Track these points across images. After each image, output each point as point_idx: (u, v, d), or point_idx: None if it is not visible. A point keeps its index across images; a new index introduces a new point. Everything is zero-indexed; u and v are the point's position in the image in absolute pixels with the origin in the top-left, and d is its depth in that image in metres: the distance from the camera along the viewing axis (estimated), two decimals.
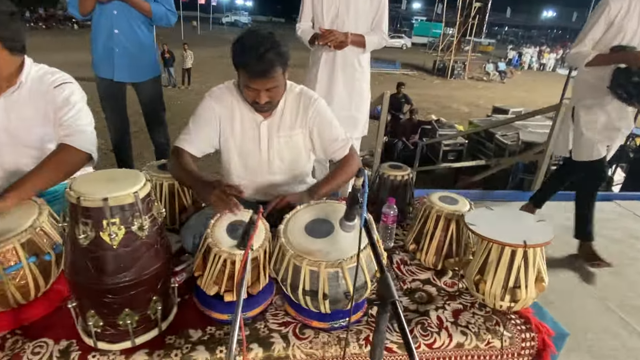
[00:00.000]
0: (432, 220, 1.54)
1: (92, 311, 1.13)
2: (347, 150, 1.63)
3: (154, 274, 1.15)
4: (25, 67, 1.46)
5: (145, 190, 1.10)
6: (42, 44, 19.17)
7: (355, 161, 1.64)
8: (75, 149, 1.42)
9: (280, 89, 1.47)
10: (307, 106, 1.59)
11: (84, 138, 1.46)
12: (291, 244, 1.21)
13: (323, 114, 1.61)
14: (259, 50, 1.33)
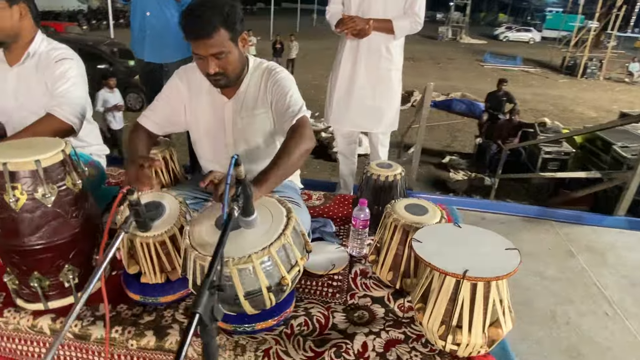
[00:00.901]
0: (389, 230, 1.31)
1: (8, 269, 1.20)
2: (294, 121, 1.35)
3: (62, 242, 1.17)
4: (34, 41, 1.62)
5: (52, 160, 1.12)
6: None
7: (302, 135, 1.31)
8: (57, 119, 1.52)
9: (230, 56, 1.32)
10: (267, 80, 1.46)
11: (68, 110, 1.55)
12: (192, 235, 1.12)
13: (281, 82, 1.44)
14: (197, 10, 1.25)
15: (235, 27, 1.30)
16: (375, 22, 2.11)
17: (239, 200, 0.96)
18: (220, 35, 1.26)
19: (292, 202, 1.47)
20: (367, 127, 2.41)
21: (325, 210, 1.89)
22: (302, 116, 1.38)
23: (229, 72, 1.36)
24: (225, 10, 1.25)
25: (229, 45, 1.30)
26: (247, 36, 1.40)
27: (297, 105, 1.39)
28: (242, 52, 1.39)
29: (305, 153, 1.31)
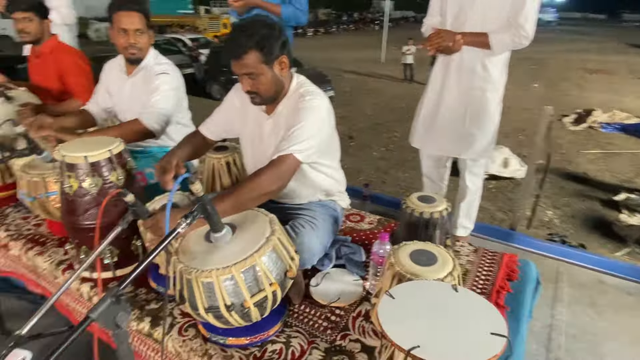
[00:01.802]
0: (386, 275, 1.15)
1: (70, 240, 1.50)
2: (276, 155, 1.32)
3: (104, 225, 1.39)
4: (147, 57, 1.97)
5: (99, 157, 1.35)
6: (346, 42, 23.14)
7: (271, 174, 1.28)
8: (143, 124, 1.83)
9: (262, 78, 1.36)
10: (296, 105, 1.43)
11: (153, 119, 1.85)
12: (182, 245, 1.19)
13: (300, 112, 1.38)
14: (235, 32, 1.34)
15: (270, 50, 1.33)
16: (467, 36, 1.86)
17: (195, 217, 0.99)
18: (251, 57, 1.32)
19: (307, 221, 1.43)
20: (454, 152, 2.15)
21: (370, 236, 1.76)
22: (287, 154, 1.31)
23: (261, 92, 1.40)
24: (260, 33, 1.30)
25: (261, 68, 1.34)
26: (286, 60, 1.40)
27: (292, 142, 1.33)
28: (277, 74, 1.40)
29: (263, 195, 1.27)
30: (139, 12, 1.81)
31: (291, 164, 1.32)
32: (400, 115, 8.16)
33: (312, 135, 1.35)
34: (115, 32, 1.84)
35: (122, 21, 1.80)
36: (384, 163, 5.94)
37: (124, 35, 1.83)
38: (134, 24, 1.81)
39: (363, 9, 42.01)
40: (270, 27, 1.34)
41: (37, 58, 2.57)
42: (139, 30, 1.84)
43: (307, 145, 1.34)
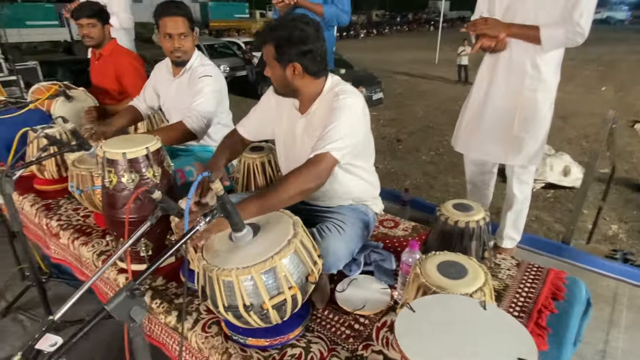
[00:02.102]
0: (411, 285, 1.09)
1: (110, 231, 1.57)
2: (312, 154, 1.29)
3: (139, 219, 1.45)
4: (191, 59, 2.04)
5: (136, 154, 1.40)
6: (399, 43, 22.77)
7: (309, 173, 1.26)
8: (185, 126, 1.90)
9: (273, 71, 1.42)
10: (330, 104, 1.41)
11: (195, 121, 1.92)
12: (207, 242, 1.20)
13: (335, 111, 1.36)
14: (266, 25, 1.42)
15: (284, 51, 1.35)
16: (515, 27, 1.73)
17: (214, 215, 1.00)
18: (267, 50, 1.38)
19: (334, 225, 1.40)
20: (500, 158, 2.02)
21: (403, 243, 1.69)
22: (324, 152, 1.29)
23: (274, 83, 1.47)
24: (281, 33, 1.34)
25: (272, 62, 1.40)
26: (299, 68, 1.38)
27: (328, 140, 1.30)
28: (288, 77, 1.40)
29: (299, 193, 1.26)
30: (182, 17, 1.90)
31: (328, 163, 1.30)
32: (453, 118, 7.75)
33: (347, 134, 1.32)
34: (161, 36, 1.93)
35: (167, 26, 1.89)
36: (433, 167, 5.75)
37: (169, 39, 1.92)
38: (178, 28, 1.90)
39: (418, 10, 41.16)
40: (295, 32, 1.33)
41: (98, 60, 2.76)
42: (183, 34, 1.92)
43: (343, 144, 1.31)
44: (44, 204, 2.03)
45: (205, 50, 10.66)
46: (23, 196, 2.13)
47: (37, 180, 2.20)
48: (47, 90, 2.47)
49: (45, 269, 2.01)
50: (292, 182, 1.24)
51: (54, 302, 1.96)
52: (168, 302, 1.38)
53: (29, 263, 1.60)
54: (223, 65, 10.36)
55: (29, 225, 2.12)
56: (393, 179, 5.42)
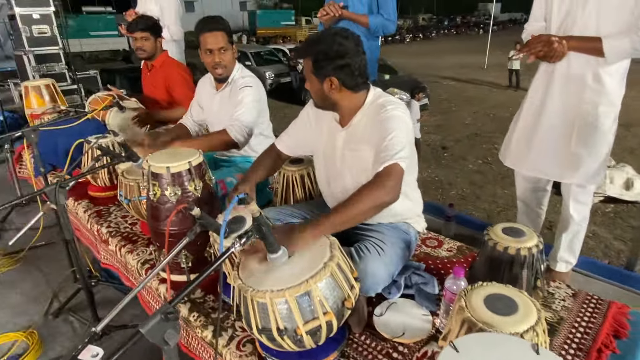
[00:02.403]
0: (455, 318, 1.02)
1: (153, 242, 1.61)
2: (381, 167, 1.24)
3: (180, 232, 1.48)
4: (232, 72, 2.08)
5: (179, 168, 1.43)
6: (446, 47, 22.20)
7: (381, 185, 1.20)
8: (228, 135, 1.94)
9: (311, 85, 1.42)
10: (377, 116, 1.37)
11: (238, 130, 1.95)
12: (243, 262, 1.19)
13: (387, 122, 1.32)
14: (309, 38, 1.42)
15: (321, 66, 1.35)
16: (574, 41, 1.60)
17: (249, 237, 0.98)
18: (306, 63, 1.39)
19: (373, 245, 1.35)
20: (555, 175, 1.87)
21: (447, 265, 1.61)
22: (393, 164, 1.24)
23: (312, 96, 1.46)
24: (320, 48, 1.34)
25: (310, 76, 1.40)
26: (336, 83, 1.37)
27: (392, 150, 1.25)
28: (325, 90, 1.39)
29: (376, 207, 1.20)
30: (221, 31, 1.94)
31: (399, 173, 1.25)
32: (503, 125, 7.45)
33: (406, 145, 1.29)
34: (202, 52, 1.99)
35: (207, 42, 1.94)
36: (480, 177, 5.52)
37: (210, 54, 1.96)
38: (217, 43, 1.94)
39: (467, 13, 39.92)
40: (333, 47, 1.32)
41: (150, 72, 2.88)
42: (222, 47, 1.96)
43: (404, 153, 1.27)
44: (95, 211, 2.14)
45: (251, 58, 10.94)
46: (77, 202, 2.26)
47: (91, 187, 2.33)
48: (102, 101, 2.61)
49: (95, 272, 2.12)
50: (366, 196, 1.19)
51: (103, 305, 2.05)
52: (205, 315, 1.39)
53: (79, 269, 1.68)
54: (268, 72, 10.55)
55: (82, 230, 2.24)
56: (437, 188, 5.26)
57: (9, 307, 2.12)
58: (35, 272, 2.40)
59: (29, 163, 2.67)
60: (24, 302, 2.15)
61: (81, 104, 4.75)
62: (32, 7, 4.65)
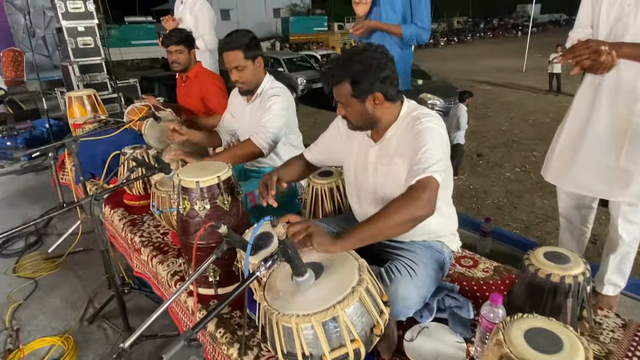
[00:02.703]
0: (492, 353, 0.95)
1: (182, 255, 1.62)
2: (414, 180, 1.18)
3: (209, 246, 1.48)
4: (262, 83, 2.08)
5: (208, 182, 1.43)
6: (482, 51, 21.63)
7: (414, 199, 1.14)
8: (252, 143, 1.94)
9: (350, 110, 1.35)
10: (410, 129, 1.31)
11: (262, 137, 1.95)
12: (269, 282, 1.16)
13: (421, 135, 1.26)
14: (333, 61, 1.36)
15: (363, 86, 1.29)
16: (626, 47, 1.49)
17: (275, 260, 0.96)
18: (342, 89, 1.32)
19: (405, 266, 1.30)
20: (602, 193, 1.74)
21: (483, 288, 1.52)
22: (426, 177, 1.18)
23: (351, 120, 1.40)
24: (357, 68, 1.28)
25: (349, 100, 1.33)
26: (380, 97, 1.32)
27: (426, 163, 1.20)
28: (368, 109, 1.34)
29: (409, 221, 1.14)
30: (235, 50, 1.94)
31: (434, 187, 1.19)
32: (543, 132, 7.23)
33: (441, 158, 1.23)
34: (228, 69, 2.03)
35: (226, 61, 1.98)
36: (517, 186, 5.30)
37: (230, 72, 2.00)
38: (232, 62, 1.96)
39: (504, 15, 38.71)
40: (370, 62, 1.27)
41: (184, 83, 2.95)
42: (238, 66, 1.97)
43: (440, 167, 1.21)
44: (130, 220, 2.19)
45: (284, 64, 11.07)
46: (114, 210, 2.32)
47: (127, 195, 2.39)
48: (139, 111, 2.68)
49: (128, 280, 2.16)
50: (399, 209, 1.13)
51: (134, 313, 2.09)
52: (231, 332, 1.37)
53: (112, 279, 1.71)
54: (300, 78, 10.64)
55: (117, 237, 2.30)
56: (472, 197, 5.10)
57: (49, 311, 2.20)
58: (73, 277, 2.48)
59: (70, 171, 2.78)
60: (62, 306, 2.23)
61: (120, 112, 4.94)
62: (78, 20, 4.89)
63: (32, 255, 2.73)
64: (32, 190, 3.89)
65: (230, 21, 30.63)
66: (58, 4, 4.74)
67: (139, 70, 17.05)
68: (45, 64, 9.23)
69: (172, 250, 1.87)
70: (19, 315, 2.18)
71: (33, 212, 3.42)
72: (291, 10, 37.79)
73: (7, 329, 2.06)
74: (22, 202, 3.66)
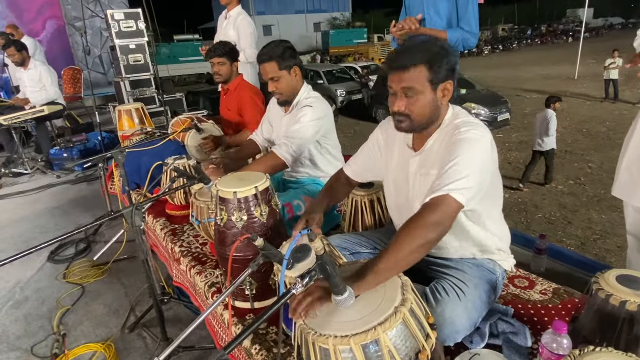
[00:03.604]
0: None
1: (219, 267, 1.60)
2: (429, 197, 1.10)
3: (246, 258, 1.44)
4: (299, 94, 2.05)
5: (246, 193, 1.40)
6: (529, 58, 20.78)
7: (424, 221, 1.06)
8: (275, 155, 1.92)
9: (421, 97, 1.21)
10: (450, 138, 1.21)
11: (285, 149, 1.92)
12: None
13: (455, 145, 1.16)
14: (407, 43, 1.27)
15: (439, 71, 1.19)
16: None
17: (312, 277, 0.89)
18: (418, 72, 1.19)
19: (453, 286, 1.19)
20: None
21: (541, 312, 1.37)
22: (442, 195, 1.08)
23: (414, 114, 1.24)
24: (434, 51, 1.18)
25: (424, 85, 1.20)
26: (450, 87, 1.24)
27: (447, 179, 1.10)
28: (437, 100, 1.24)
29: (422, 245, 1.04)
30: (270, 61, 1.92)
31: (449, 207, 1.09)
32: (599, 142, 6.75)
33: (472, 173, 1.12)
34: None
35: (262, 73, 1.98)
36: (572, 199, 4.95)
37: (268, 83, 1.99)
38: (268, 73, 1.95)
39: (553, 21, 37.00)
40: (443, 48, 1.20)
41: (225, 95, 2.99)
42: (274, 77, 1.95)
43: (466, 183, 1.10)
44: (171, 229, 2.21)
45: (323, 76, 11.14)
46: (156, 219, 2.36)
47: (168, 205, 2.43)
48: (182, 123, 2.75)
49: (168, 289, 2.18)
50: (407, 236, 1.05)
51: (173, 322, 2.10)
52: (267, 349, 1.32)
53: (151, 289, 1.72)
54: (340, 90, 10.66)
55: (159, 247, 2.34)
56: (521, 211, 4.81)
57: (93, 317, 2.25)
58: (117, 285, 2.54)
59: (118, 181, 2.88)
60: (105, 313, 2.28)
61: (166, 125, 5.13)
62: (129, 38, 5.17)
63: (80, 262, 2.83)
64: (84, 200, 4.09)
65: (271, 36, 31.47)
66: (112, 24, 5.04)
67: (186, 85, 17.84)
68: (101, 80, 9.87)
69: (210, 261, 1.86)
70: (66, 320, 2.25)
71: (84, 220, 3.58)
72: (331, 23, 38.28)
73: (55, 333, 2.12)
74: (75, 210, 3.84)
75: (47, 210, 3.87)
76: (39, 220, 3.65)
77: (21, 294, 2.53)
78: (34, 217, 3.74)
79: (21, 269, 2.78)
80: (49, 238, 1.33)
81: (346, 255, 1.48)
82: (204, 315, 1.07)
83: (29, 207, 3.99)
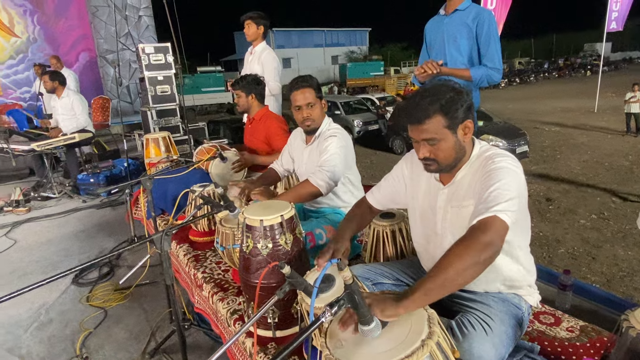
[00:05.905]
0: None
1: (243, 293, 1.63)
2: (476, 220, 1.10)
3: (270, 286, 1.47)
4: (321, 126, 2.12)
5: (272, 221, 1.44)
6: (547, 91, 20.79)
7: (474, 242, 1.05)
8: (310, 183, 1.96)
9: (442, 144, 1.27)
10: (482, 169, 1.24)
11: (319, 177, 1.97)
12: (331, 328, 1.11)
13: (492, 173, 1.18)
14: (417, 96, 1.28)
15: (455, 115, 1.24)
16: None
17: (341, 306, 0.91)
18: (434, 122, 1.24)
19: (479, 320, 1.19)
20: None
21: (569, 350, 1.34)
22: (490, 217, 1.09)
23: (440, 158, 1.29)
24: (446, 97, 1.23)
25: (443, 133, 1.26)
26: (471, 124, 1.29)
27: (492, 202, 1.11)
28: (460, 140, 1.29)
29: (472, 266, 1.03)
30: (308, 88, 2.03)
31: (499, 228, 1.08)
32: (622, 176, 6.63)
33: (512, 198, 1.13)
34: (293, 109, 2.10)
35: (296, 99, 2.05)
36: (595, 234, 4.82)
37: (299, 110, 2.07)
38: (306, 99, 2.04)
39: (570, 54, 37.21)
40: (456, 90, 1.25)
41: (250, 124, 3.11)
42: (310, 103, 2.05)
43: (510, 206, 1.11)
44: (194, 255, 2.26)
45: (341, 107, 11.37)
46: (179, 245, 2.42)
47: (192, 231, 2.48)
48: (207, 151, 2.85)
49: (189, 316, 2.20)
50: (459, 255, 1.04)
51: (192, 349, 2.11)
52: None
53: (175, 314, 1.75)
54: (357, 120, 10.84)
55: (181, 272, 2.38)
56: (542, 245, 4.70)
57: (114, 342, 2.28)
58: (138, 309, 2.58)
59: (143, 206, 2.97)
60: (127, 337, 2.31)
61: (190, 153, 5.29)
62: (158, 71, 5.44)
63: (103, 286, 2.89)
64: (108, 224, 4.20)
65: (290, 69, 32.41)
66: (143, 57, 5.32)
67: (207, 114, 18.40)
68: (128, 109, 10.31)
69: (232, 288, 1.89)
70: (88, 343, 2.28)
71: (108, 244, 3.67)
72: (349, 57, 39.28)
73: (77, 356, 2.15)
74: (99, 234, 3.94)
75: (73, 234, 3.99)
76: (65, 244, 3.75)
77: (46, 315, 2.59)
78: (60, 240, 3.85)
79: (46, 291, 2.85)
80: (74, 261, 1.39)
81: (368, 286, 1.49)
82: (230, 342, 1.09)
83: (56, 231, 4.11)
